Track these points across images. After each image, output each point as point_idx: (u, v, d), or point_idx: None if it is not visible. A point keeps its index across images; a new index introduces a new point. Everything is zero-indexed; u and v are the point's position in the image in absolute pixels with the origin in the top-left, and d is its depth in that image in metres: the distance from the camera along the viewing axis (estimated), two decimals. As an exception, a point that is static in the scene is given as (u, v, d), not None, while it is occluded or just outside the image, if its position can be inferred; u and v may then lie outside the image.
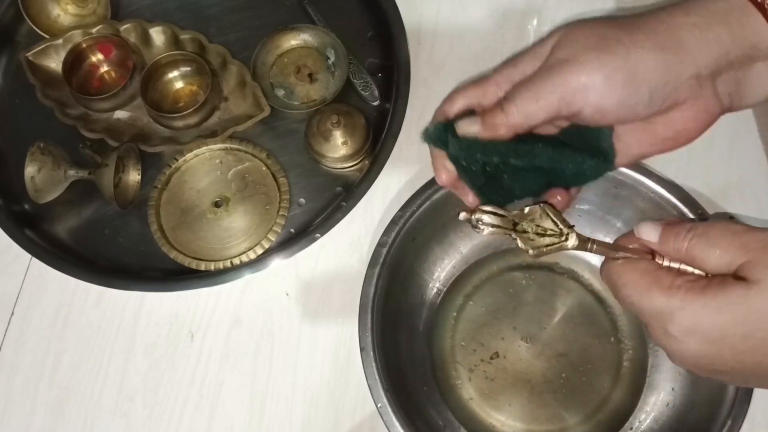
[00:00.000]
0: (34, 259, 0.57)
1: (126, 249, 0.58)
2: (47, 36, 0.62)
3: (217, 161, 0.59)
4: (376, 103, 0.61)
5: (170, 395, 0.53)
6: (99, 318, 0.56)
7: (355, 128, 0.56)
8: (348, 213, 0.55)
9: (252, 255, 0.56)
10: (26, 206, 0.60)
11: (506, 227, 0.37)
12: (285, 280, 0.55)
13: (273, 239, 0.56)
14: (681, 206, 0.50)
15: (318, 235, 0.55)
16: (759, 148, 0.56)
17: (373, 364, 0.48)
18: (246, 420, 0.52)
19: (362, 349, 0.48)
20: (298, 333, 0.54)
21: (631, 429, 0.51)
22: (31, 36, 0.63)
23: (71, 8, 0.64)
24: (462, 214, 0.37)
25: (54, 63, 0.62)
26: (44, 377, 0.54)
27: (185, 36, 0.61)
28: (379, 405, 0.47)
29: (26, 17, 0.62)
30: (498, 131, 0.39)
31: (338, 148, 0.56)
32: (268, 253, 0.56)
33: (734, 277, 0.34)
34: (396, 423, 0.46)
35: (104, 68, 0.63)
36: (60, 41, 0.62)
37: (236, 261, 0.56)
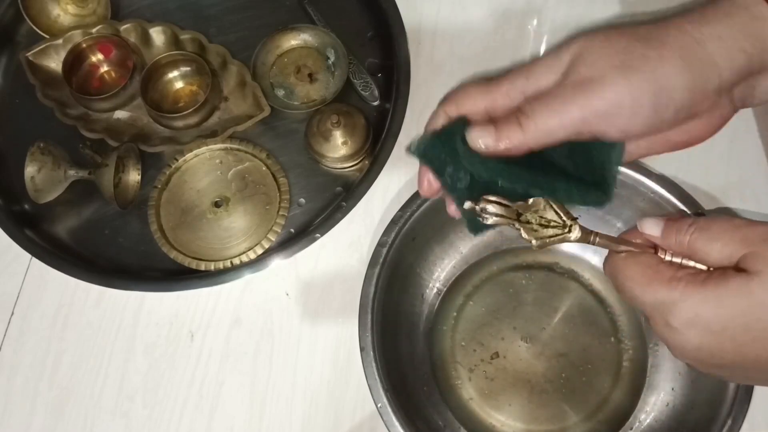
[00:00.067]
0: (34, 259, 0.57)
1: (126, 249, 0.58)
2: (47, 36, 0.62)
3: (217, 161, 0.59)
4: (376, 103, 0.61)
5: (170, 395, 0.53)
6: (99, 318, 0.56)
7: (355, 128, 0.56)
8: (348, 213, 0.55)
9: (252, 255, 0.56)
10: (26, 206, 0.60)
11: (510, 217, 0.37)
12: (285, 280, 0.55)
13: (273, 239, 0.56)
14: (681, 206, 0.50)
15: (318, 235, 0.55)
16: (759, 148, 0.56)
17: (373, 364, 0.48)
18: (246, 420, 0.52)
19: (362, 349, 0.48)
20: (298, 333, 0.54)
21: (631, 429, 0.51)
22: (31, 36, 0.63)
23: (71, 8, 0.64)
24: (467, 203, 0.37)
25: (54, 63, 0.62)
26: (44, 377, 0.54)
27: (185, 36, 0.61)
28: (379, 405, 0.47)
29: (26, 17, 0.62)
30: (511, 148, 0.37)
31: (338, 148, 0.56)
32: (268, 253, 0.56)
33: (735, 270, 0.34)
34: (396, 423, 0.46)
35: (104, 68, 0.63)
36: (60, 41, 0.62)
37: (236, 261, 0.56)
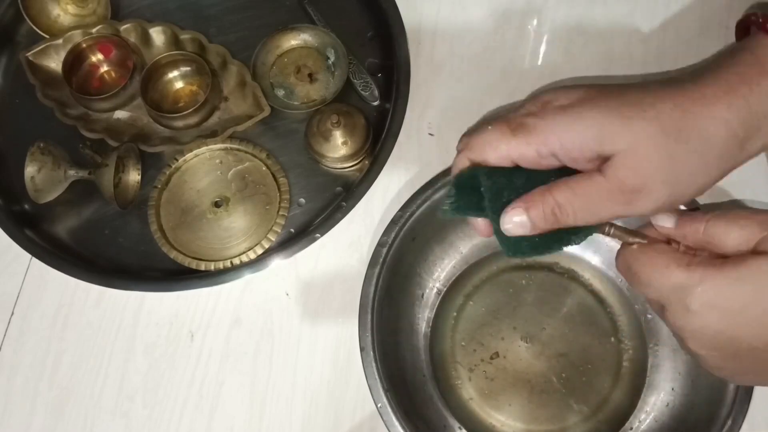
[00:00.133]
0: (34, 259, 0.57)
1: (126, 249, 0.58)
2: (47, 36, 0.62)
3: (217, 161, 0.59)
4: (376, 103, 0.61)
5: (170, 395, 0.53)
6: (99, 318, 0.56)
7: (355, 128, 0.56)
8: (348, 213, 0.55)
9: (252, 255, 0.56)
10: (26, 206, 0.60)
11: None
12: (285, 280, 0.55)
13: (273, 239, 0.56)
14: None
15: (318, 235, 0.55)
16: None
17: (373, 364, 0.48)
18: (246, 420, 0.52)
19: (362, 349, 0.48)
20: (298, 333, 0.54)
21: (631, 429, 0.51)
22: (31, 36, 0.63)
23: (71, 8, 0.64)
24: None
25: (54, 63, 0.62)
26: (44, 377, 0.54)
27: (185, 36, 0.61)
28: (379, 405, 0.47)
29: (26, 17, 0.62)
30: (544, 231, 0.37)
31: (338, 148, 0.56)
32: (268, 253, 0.56)
33: (753, 253, 0.35)
34: (396, 423, 0.46)
35: (104, 68, 0.63)
36: (60, 41, 0.62)
37: (236, 261, 0.56)
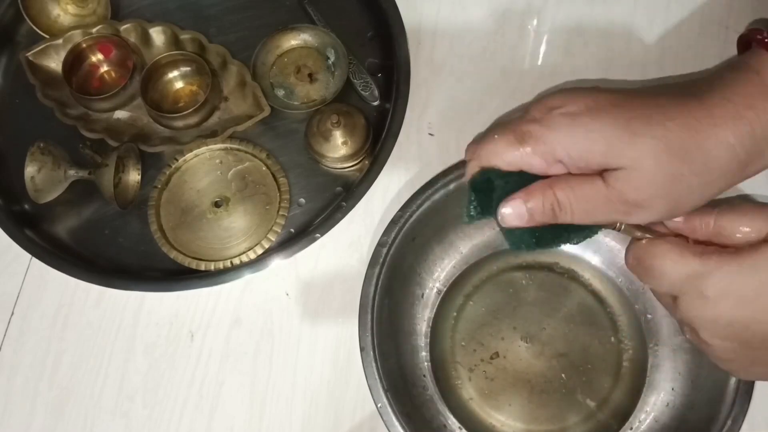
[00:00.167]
0: (34, 259, 0.57)
1: (126, 249, 0.58)
2: (47, 36, 0.62)
3: (217, 161, 0.59)
4: (376, 103, 0.60)
5: (170, 395, 0.53)
6: (99, 318, 0.56)
7: (355, 128, 0.56)
8: (348, 213, 0.55)
9: (252, 255, 0.56)
10: (26, 206, 0.60)
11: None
12: (285, 280, 0.55)
13: (273, 239, 0.56)
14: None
15: (318, 235, 0.55)
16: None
17: (373, 364, 0.48)
18: (246, 420, 0.52)
19: (362, 349, 0.48)
20: (298, 333, 0.54)
21: (631, 429, 0.51)
22: (31, 36, 0.63)
23: (71, 8, 0.64)
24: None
25: (54, 63, 0.62)
26: (44, 377, 0.54)
27: (185, 36, 0.61)
28: (379, 405, 0.47)
29: (26, 17, 0.62)
30: (538, 225, 0.37)
31: (338, 148, 0.56)
32: (268, 253, 0.56)
33: (766, 242, 0.35)
34: (396, 423, 0.46)
35: (104, 68, 0.63)
36: (60, 41, 0.62)
37: (236, 261, 0.56)
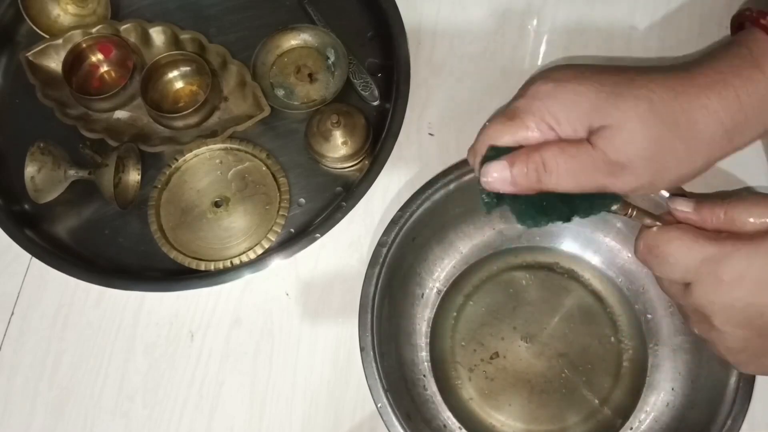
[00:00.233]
0: (34, 259, 0.57)
1: (126, 249, 0.58)
2: (47, 36, 0.62)
3: (217, 161, 0.59)
4: (376, 103, 0.60)
5: (170, 395, 0.53)
6: (99, 318, 0.56)
7: (355, 128, 0.56)
8: (348, 213, 0.55)
9: (252, 255, 0.56)
10: (26, 206, 0.60)
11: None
12: (285, 280, 0.55)
13: (273, 239, 0.56)
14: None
15: (318, 235, 0.55)
16: (759, 148, 0.56)
17: (373, 364, 0.48)
18: (246, 420, 0.52)
19: (362, 349, 0.48)
20: (298, 333, 0.54)
21: (631, 429, 0.51)
22: (31, 36, 0.63)
23: (71, 8, 0.64)
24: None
25: (54, 63, 0.62)
26: (44, 377, 0.54)
27: (185, 36, 0.61)
28: (379, 405, 0.47)
29: (26, 17, 0.62)
30: (522, 191, 0.37)
31: (338, 148, 0.56)
32: (268, 253, 0.56)
33: None
34: (396, 423, 0.46)
35: (104, 68, 0.63)
36: (60, 41, 0.62)
37: (236, 261, 0.56)
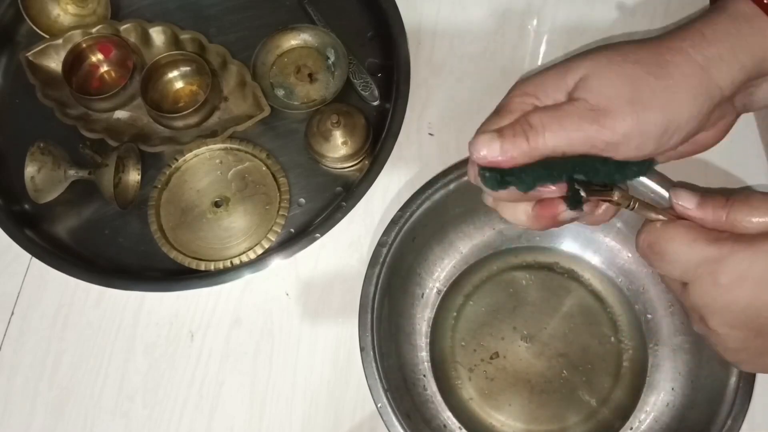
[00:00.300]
0: (34, 259, 0.57)
1: (126, 249, 0.58)
2: (47, 36, 0.62)
3: (217, 161, 0.59)
4: (376, 103, 0.61)
5: (170, 395, 0.53)
6: (99, 318, 0.56)
7: (355, 128, 0.56)
8: (348, 213, 0.55)
9: (252, 255, 0.56)
10: (26, 206, 0.60)
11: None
12: (285, 280, 0.55)
13: (273, 239, 0.56)
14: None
15: (318, 235, 0.55)
16: (759, 148, 0.56)
17: (373, 364, 0.48)
18: (246, 420, 0.52)
19: (362, 349, 0.48)
20: (298, 333, 0.54)
21: (631, 429, 0.51)
22: (31, 36, 0.63)
23: (71, 8, 0.64)
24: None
25: (54, 63, 0.62)
26: (44, 377, 0.54)
27: (185, 36, 0.61)
28: (379, 405, 0.47)
29: (26, 17, 0.62)
30: (515, 160, 0.36)
31: (338, 148, 0.56)
32: (268, 253, 0.56)
33: None
34: (396, 423, 0.46)
35: (104, 68, 0.63)
36: (60, 41, 0.62)
37: (236, 261, 0.56)
